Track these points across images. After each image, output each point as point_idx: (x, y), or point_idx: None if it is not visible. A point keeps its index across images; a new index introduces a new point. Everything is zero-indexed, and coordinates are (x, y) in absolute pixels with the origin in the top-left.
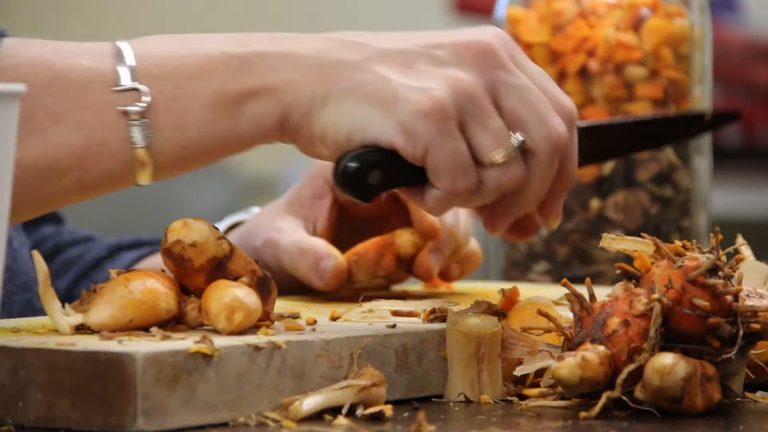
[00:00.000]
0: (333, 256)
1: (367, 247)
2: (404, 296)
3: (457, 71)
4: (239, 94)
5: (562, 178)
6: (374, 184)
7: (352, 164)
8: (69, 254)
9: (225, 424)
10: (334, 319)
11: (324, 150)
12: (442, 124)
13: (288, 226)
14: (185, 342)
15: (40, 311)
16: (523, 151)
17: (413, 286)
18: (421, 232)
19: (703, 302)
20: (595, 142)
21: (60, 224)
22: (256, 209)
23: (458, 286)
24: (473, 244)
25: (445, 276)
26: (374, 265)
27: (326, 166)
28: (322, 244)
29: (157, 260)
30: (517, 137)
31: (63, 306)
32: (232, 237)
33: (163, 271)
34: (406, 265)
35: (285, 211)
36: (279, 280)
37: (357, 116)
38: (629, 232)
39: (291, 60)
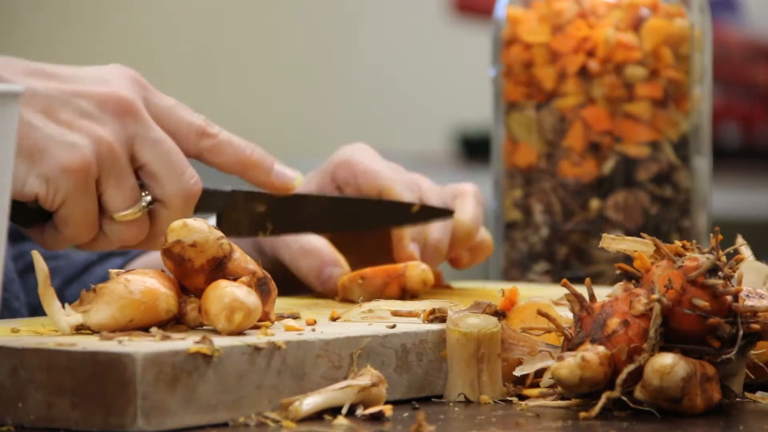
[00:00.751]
0: (340, 266)
1: (375, 272)
2: (404, 294)
3: (98, 127)
4: None
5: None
6: None
7: None
8: (56, 263)
9: (225, 425)
10: (334, 319)
11: None
12: (83, 181)
13: None
14: (185, 342)
15: (16, 312)
16: (155, 202)
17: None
18: (399, 261)
19: (702, 302)
20: (299, 212)
21: None
22: None
23: (458, 286)
24: (484, 233)
25: (456, 263)
26: (378, 292)
27: (336, 165)
28: (327, 249)
29: (144, 261)
30: (146, 198)
31: (63, 306)
32: None
33: (162, 271)
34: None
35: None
36: (273, 271)
37: None
38: (629, 232)
39: None
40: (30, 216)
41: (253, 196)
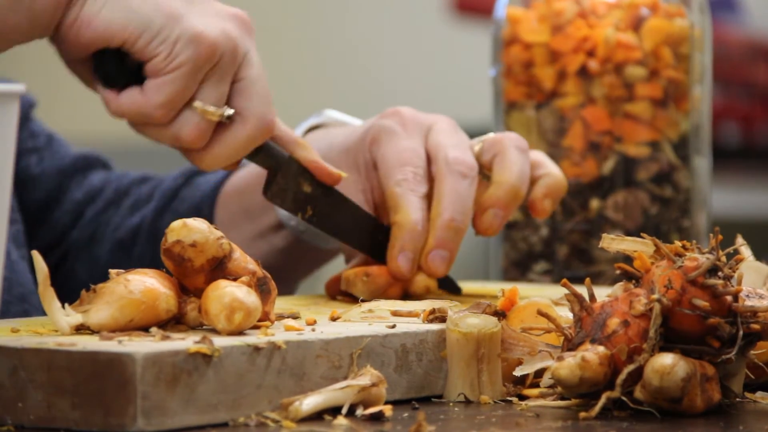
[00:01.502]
0: (408, 250)
1: (381, 271)
2: (406, 296)
3: (229, 26)
4: None
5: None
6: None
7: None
8: (138, 193)
9: (225, 424)
10: (333, 319)
11: (87, 33)
12: (204, 58)
13: (351, 189)
14: (185, 342)
15: (23, 296)
16: (234, 116)
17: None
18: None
19: (702, 302)
20: (336, 213)
21: (108, 169)
22: (329, 112)
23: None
24: (548, 167)
25: (534, 210)
26: (380, 290)
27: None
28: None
29: (239, 179)
30: (229, 110)
31: (63, 306)
32: (313, 140)
33: (163, 270)
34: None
35: (344, 162)
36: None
37: (139, 12)
38: (629, 232)
39: None
40: (117, 74)
41: (305, 174)
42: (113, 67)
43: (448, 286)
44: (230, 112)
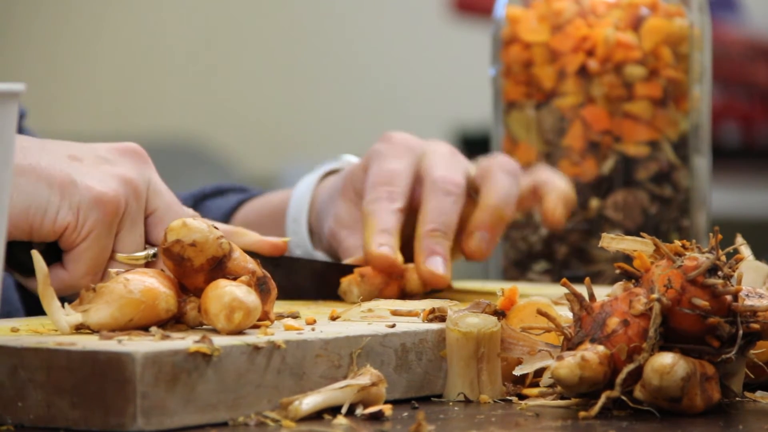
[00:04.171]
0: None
1: (377, 271)
2: (404, 296)
3: (122, 169)
4: None
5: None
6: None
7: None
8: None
9: (224, 424)
10: (333, 318)
11: None
12: (112, 215)
13: (348, 219)
14: (185, 342)
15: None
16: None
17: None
18: (423, 279)
19: (702, 302)
20: (292, 275)
21: None
22: (347, 157)
23: (458, 286)
24: (544, 176)
25: (549, 221)
26: (376, 290)
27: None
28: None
29: (254, 206)
30: (153, 249)
31: (63, 306)
32: (327, 186)
33: (162, 270)
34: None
35: (344, 196)
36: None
37: (34, 194)
38: (629, 232)
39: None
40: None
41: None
42: (26, 255)
43: None
44: (152, 251)
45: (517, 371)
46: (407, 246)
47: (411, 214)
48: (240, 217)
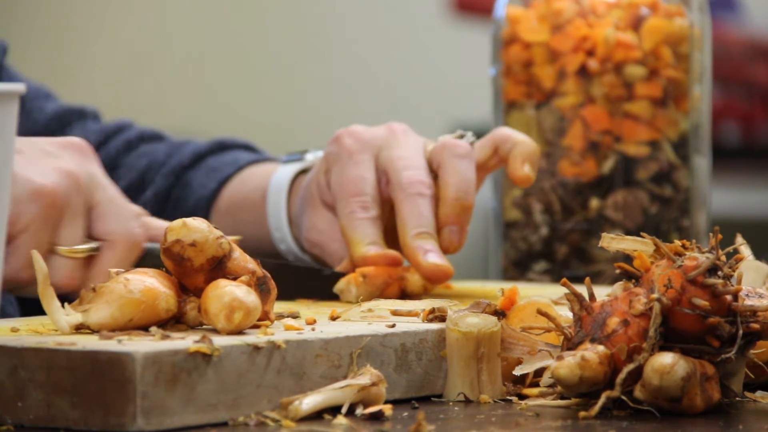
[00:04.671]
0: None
1: (377, 272)
2: (404, 296)
3: (63, 162)
4: None
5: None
6: None
7: None
8: (129, 177)
9: (224, 424)
10: (333, 318)
11: None
12: (48, 208)
13: (324, 226)
14: (185, 341)
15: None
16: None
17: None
18: (425, 276)
19: (702, 302)
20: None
21: (93, 120)
22: (312, 154)
23: (458, 286)
24: (516, 140)
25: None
26: (377, 290)
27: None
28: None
29: (235, 191)
30: (94, 242)
31: (62, 306)
32: (299, 196)
33: (162, 270)
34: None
35: (312, 206)
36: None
37: None
38: (629, 232)
39: None
40: None
41: None
42: None
43: None
44: (94, 245)
45: (517, 371)
46: (393, 244)
47: (383, 204)
48: (225, 197)
